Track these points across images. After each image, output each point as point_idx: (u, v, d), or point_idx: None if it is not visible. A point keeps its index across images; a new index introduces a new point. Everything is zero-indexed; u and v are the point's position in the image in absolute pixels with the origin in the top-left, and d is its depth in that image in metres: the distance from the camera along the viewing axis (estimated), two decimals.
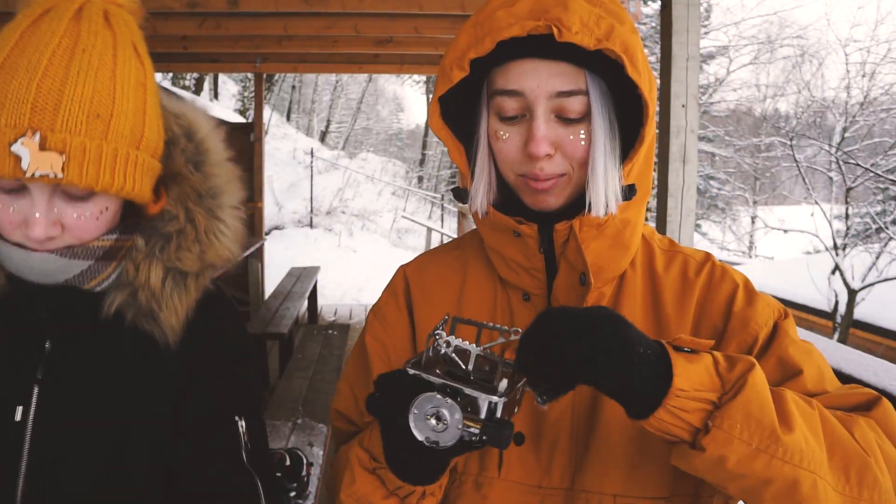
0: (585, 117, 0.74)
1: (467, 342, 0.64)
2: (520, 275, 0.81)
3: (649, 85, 0.73)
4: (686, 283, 0.81)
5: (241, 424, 0.90)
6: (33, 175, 0.71)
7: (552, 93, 0.72)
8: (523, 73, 0.73)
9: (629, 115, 0.76)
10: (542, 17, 0.70)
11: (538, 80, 0.72)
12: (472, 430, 0.61)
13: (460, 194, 0.84)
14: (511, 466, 0.78)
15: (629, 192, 0.76)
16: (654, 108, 0.73)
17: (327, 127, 25.86)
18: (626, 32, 0.72)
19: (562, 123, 0.74)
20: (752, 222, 19.04)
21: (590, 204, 0.74)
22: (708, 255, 0.85)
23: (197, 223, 0.86)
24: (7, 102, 0.71)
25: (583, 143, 0.74)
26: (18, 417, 0.82)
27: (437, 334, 0.65)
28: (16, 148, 0.70)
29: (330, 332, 5.07)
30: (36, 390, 0.83)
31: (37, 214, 0.75)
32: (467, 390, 0.61)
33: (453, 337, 0.64)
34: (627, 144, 0.77)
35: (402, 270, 0.94)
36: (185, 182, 0.86)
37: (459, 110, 0.81)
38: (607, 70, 0.73)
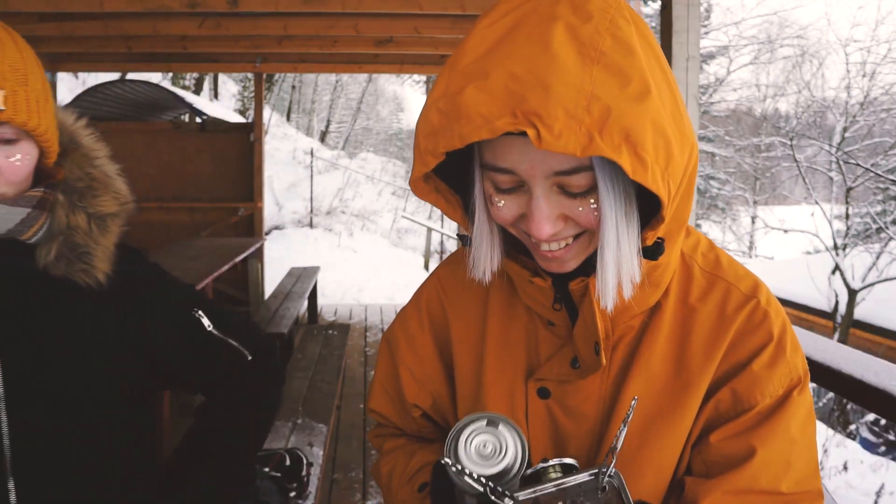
0: (594, 188, 0.63)
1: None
2: (541, 308, 0.77)
3: (665, 164, 0.59)
4: (723, 318, 0.73)
5: (200, 313, 1.10)
6: None
7: (549, 172, 0.62)
8: (513, 153, 0.62)
9: None
10: (517, 110, 0.56)
11: (531, 161, 0.61)
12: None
13: (468, 241, 0.76)
14: None
15: (655, 250, 0.67)
16: (676, 182, 0.61)
17: (327, 127, 25.85)
18: (629, 105, 0.56)
19: (567, 196, 0.64)
20: (752, 222, 19.02)
21: (598, 293, 0.67)
22: (755, 288, 0.75)
23: (96, 177, 1.01)
24: None
25: (595, 213, 0.64)
26: None
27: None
28: None
29: (330, 332, 5.07)
30: None
31: None
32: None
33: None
34: (652, 201, 0.65)
35: (434, 285, 0.91)
36: (75, 151, 1.01)
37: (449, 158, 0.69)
38: None
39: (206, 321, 1.10)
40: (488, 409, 0.79)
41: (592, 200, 0.63)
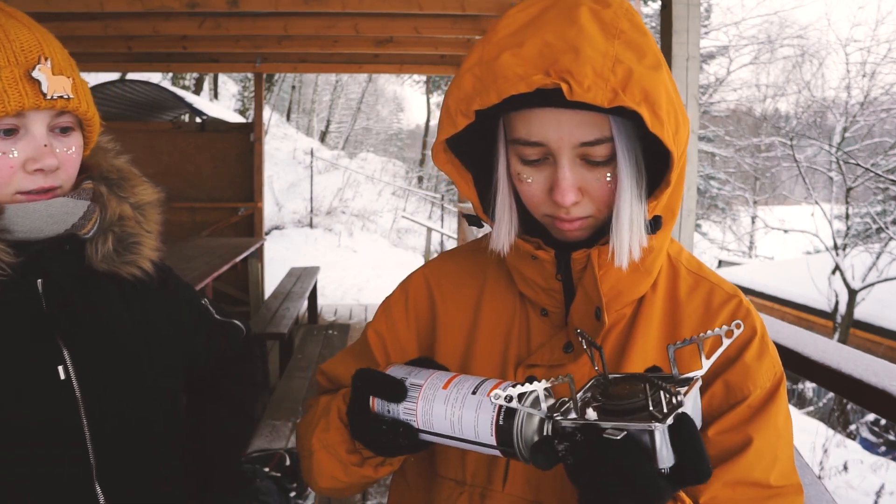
0: (611, 159, 0.71)
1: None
2: (538, 293, 0.80)
3: (675, 129, 0.68)
4: (709, 312, 0.79)
5: (205, 301, 1.15)
6: (52, 97, 0.81)
7: (576, 143, 0.69)
8: (544, 125, 0.69)
9: (659, 145, 0.71)
10: (551, 69, 0.64)
11: (560, 132, 0.69)
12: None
13: (474, 221, 0.82)
14: (515, 481, 0.79)
15: (655, 224, 0.74)
16: (680, 151, 0.69)
17: (327, 127, 25.85)
18: (647, 71, 0.66)
19: (587, 166, 0.71)
20: (752, 222, 19.03)
21: (613, 251, 0.73)
22: (737, 290, 0.81)
23: (121, 168, 0.99)
24: (13, 43, 0.81)
25: (609, 185, 0.72)
26: (63, 376, 0.88)
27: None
28: (35, 73, 0.80)
29: (330, 332, 5.08)
30: (64, 348, 0.89)
31: (45, 144, 0.83)
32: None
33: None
34: (657, 174, 0.74)
35: (423, 274, 0.92)
36: (98, 147, 0.98)
37: (466, 137, 0.76)
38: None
39: (212, 308, 1.16)
40: None
41: (608, 174, 0.71)
